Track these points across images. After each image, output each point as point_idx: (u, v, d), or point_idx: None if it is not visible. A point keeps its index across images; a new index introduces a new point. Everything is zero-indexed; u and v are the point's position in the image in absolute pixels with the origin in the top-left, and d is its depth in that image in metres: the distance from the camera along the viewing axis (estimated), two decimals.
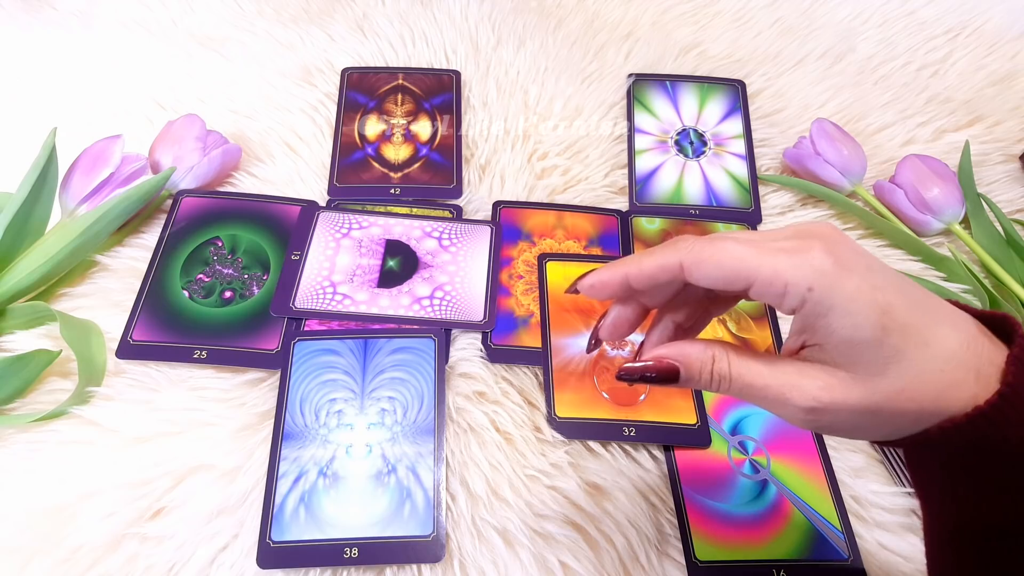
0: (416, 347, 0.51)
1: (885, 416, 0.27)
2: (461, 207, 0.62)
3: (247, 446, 0.47)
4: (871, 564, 0.46)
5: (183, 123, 0.60)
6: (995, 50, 0.77)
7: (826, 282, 0.26)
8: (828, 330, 0.26)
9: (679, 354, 0.30)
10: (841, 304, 0.26)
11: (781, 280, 0.26)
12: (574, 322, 0.54)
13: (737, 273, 0.27)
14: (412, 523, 0.44)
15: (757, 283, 0.27)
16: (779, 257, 0.26)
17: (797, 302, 0.26)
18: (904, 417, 0.27)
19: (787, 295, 0.26)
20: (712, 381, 0.29)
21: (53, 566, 0.42)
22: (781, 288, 0.26)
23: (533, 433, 0.49)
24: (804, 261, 0.26)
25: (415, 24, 0.75)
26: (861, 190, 0.64)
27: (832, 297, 0.26)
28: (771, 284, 0.26)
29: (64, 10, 0.75)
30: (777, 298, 0.27)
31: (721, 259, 0.27)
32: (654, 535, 0.46)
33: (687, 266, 0.28)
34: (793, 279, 0.26)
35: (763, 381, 0.28)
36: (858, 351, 0.26)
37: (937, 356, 0.26)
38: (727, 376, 0.29)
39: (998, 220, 0.61)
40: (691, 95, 0.70)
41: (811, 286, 0.26)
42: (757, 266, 0.27)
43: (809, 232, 0.27)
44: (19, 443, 0.47)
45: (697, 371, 0.29)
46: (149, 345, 0.51)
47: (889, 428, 0.27)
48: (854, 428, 0.28)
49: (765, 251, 0.27)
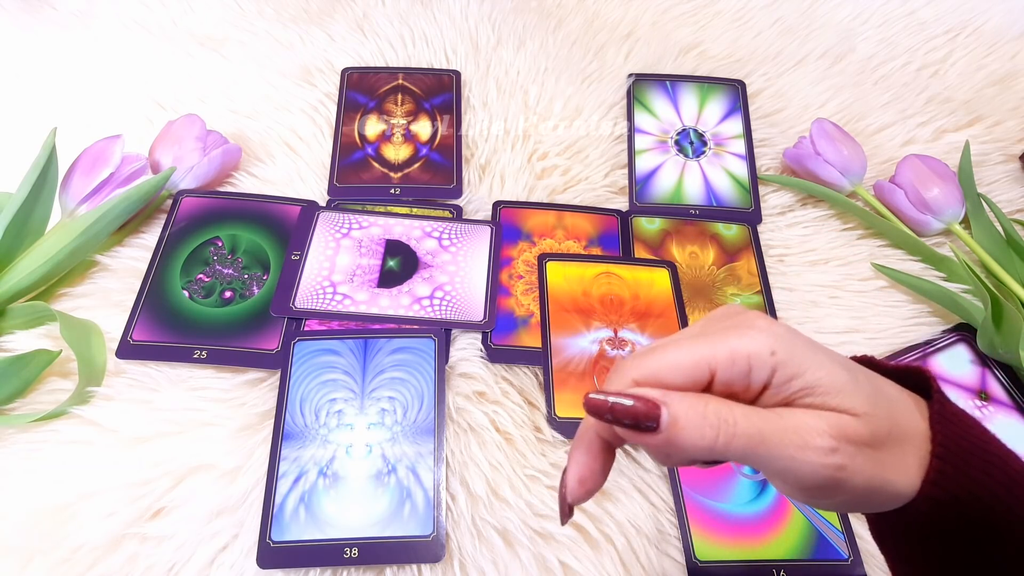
0: (416, 347, 0.51)
1: (891, 453, 0.25)
2: (461, 207, 0.62)
3: (247, 446, 0.47)
4: (871, 564, 0.46)
5: (183, 123, 0.60)
6: (995, 50, 0.77)
7: (787, 339, 0.25)
8: (811, 385, 0.24)
9: (660, 394, 0.24)
10: (810, 357, 0.25)
11: (742, 355, 0.24)
12: (574, 322, 0.54)
13: (697, 366, 0.25)
14: (412, 523, 0.44)
15: (720, 366, 0.25)
16: (728, 336, 0.25)
17: (766, 372, 0.24)
18: (908, 449, 0.25)
19: (753, 368, 0.24)
20: (708, 429, 0.24)
21: (53, 566, 0.42)
22: (744, 363, 0.24)
23: (533, 433, 0.49)
24: (755, 331, 0.25)
25: (415, 24, 0.75)
26: (861, 190, 0.64)
27: (800, 351, 0.25)
28: (733, 363, 0.25)
29: (64, 10, 0.75)
30: (743, 376, 0.25)
31: (675, 361, 0.25)
32: (654, 535, 0.46)
33: (646, 381, 0.25)
34: (753, 349, 0.24)
35: (775, 424, 0.24)
36: (849, 392, 0.25)
37: (893, 396, 0.26)
38: (730, 422, 0.24)
39: (998, 220, 0.61)
40: (691, 95, 0.70)
41: (773, 349, 0.24)
42: (713, 350, 0.25)
43: (734, 311, 0.27)
44: (19, 443, 0.47)
45: (689, 418, 0.24)
46: (149, 345, 0.51)
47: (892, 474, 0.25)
48: (870, 475, 0.24)
49: (711, 338, 0.25)
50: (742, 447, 0.24)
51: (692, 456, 0.24)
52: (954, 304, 0.56)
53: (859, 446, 0.24)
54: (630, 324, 0.55)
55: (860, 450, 0.24)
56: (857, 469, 0.24)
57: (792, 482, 0.25)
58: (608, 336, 0.54)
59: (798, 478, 0.24)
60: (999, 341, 0.52)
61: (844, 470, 0.24)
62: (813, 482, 0.24)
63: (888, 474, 0.24)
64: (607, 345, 0.53)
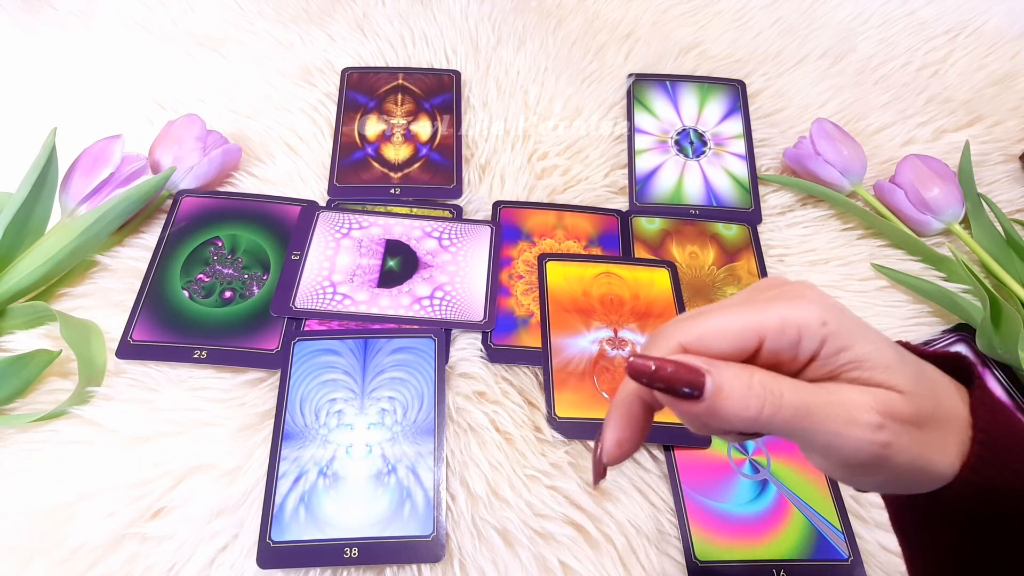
0: (416, 347, 0.51)
1: (933, 433, 0.24)
2: (461, 207, 0.62)
3: (247, 446, 0.47)
4: (871, 564, 0.46)
5: (183, 123, 0.60)
6: (995, 50, 0.77)
7: (836, 311, 0.24)
8: (859, 359, 0.24)
9: (704, 362, 0.24)
10: (859, 331, 0.24)
11: (792, 324, 0.24)
12: (574, 322, 0.54)
13: (743, 333, 0.24)
14: (412, 523, 0.44)
15: (769, 334, 0.24)
16: (778, 305, 0.24)
17: (816, 343, 0.24)
18: (950, 432, 0.25)
19: (803, 338, 0.24)
20: (753, 400, 0.23)
21: (53, 566, 0.42)
22: (795, 333, 0.24)
23: (533, 433, 0.49)
24: (805, 301, 0.24)
25: (415, 24, 0.75)
26: (861, 190, 0.64)
27: (849, 324, 0.24)
28: (783, 332, 0.24)
29: (64, 10, 0.75)
30: (792, 346, 0.24)
31: (723, 326, 0.24)
32: (654, 535, 0.46)
33: (691, 346, 0.25)
34: (803, 319, 0.24)
35: (822, 398, 0.23)
36: (894, 370, 0.24)
37: (935, 378, 0.26)
38: (776, 393, 0.23)
39: (998, 220, 0.61)
40: (691, 95, 0.70)
41: (824, 320, 0.24)
42: (763, 318, 0.24)
43: (779, 282, 0.26)
44: (19, 443, 0.47)
45: (734, 388, 0.23)
46: (149, 345, 0.51)
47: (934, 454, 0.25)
48: (919, 450, 0.24)
49: (759, 305, 0.25)
50: (787, 420, 0.23)
51: (733, 427, 0.24)
52: (954, 304, 0.56)
53: (904, 424, 0.23)
54: (630, 324, 0.55)
55: (905, 428, 0.23)
56: (902, 447, 0.23)
57: (835, 458, 0.24)
58: (608, 336, 0.54)
59: (842, 454, 0.24)
60: (998, 341, 0.52)
61: (889, 447, 0.23)
62: (857, 459, 0.23)
63: (930, 454, 0.24)
64: (607, 345, 0.53)
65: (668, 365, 0.24)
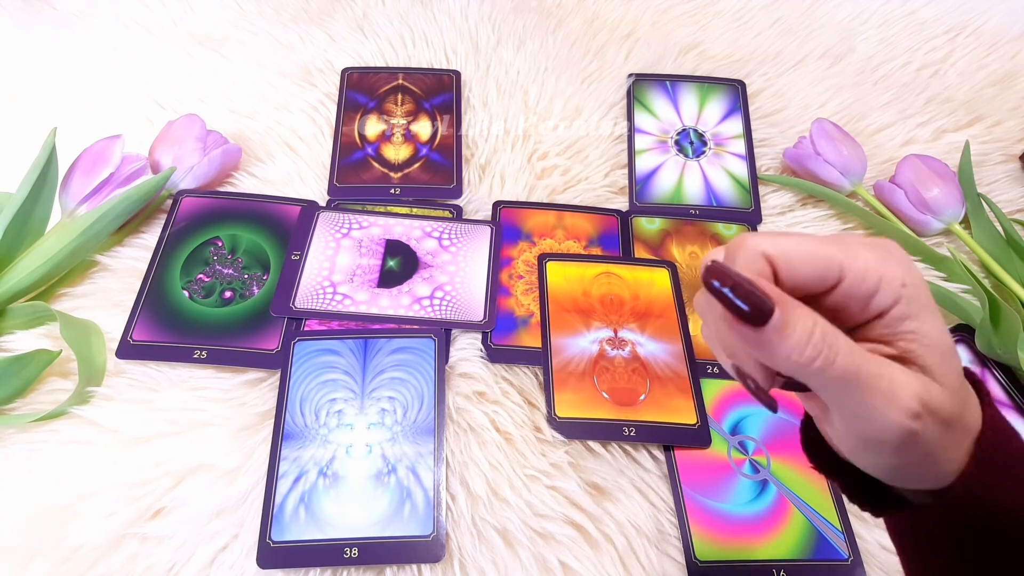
0: (416, 347, 0.51)
1: (951, 437, 0.24)
2: (461, 207, 0.62)
3: (247, 446, 0.47)
4: (871, 564, 0.46)
5: (183, 123, 0.60)
6: (995, 50, 0.77)
7: (917, 279, 0.24)
8: (920, 333, 0.24)
9: (778, 294, 0.23)
10: (930, 307, 0.24)
11: (875, 273, 0.23)
12: (574, 322, 0.54)
13: (829, 266, 0.24)
14: (412, 523, 0.44)
15: (851, 275, 0.24)
16: (866, 251, 0.24)
17: (890, 299, 0.23)
18: (964, 440, 0.25)
19: (880, 291, 0.23)
20: (811, 348, 0.22)
21: (53, 566, 0.42)
22: (875, 282, 0.23)
23: (533, 433, 0.49)
24: (893, 258, 0.24)
25: (415, 24, 0.75)
26: (861, 190, 0.64)
27: (925, 295, 0.24)
28: (864, 277, 0.23)
29: (64, 10, 0.75)
30: (867, 295, 0.24)
31: (812, 251, 0.24)
32: (654, 535, 0.46)
33: (776, 259, 0.24)
34: (887, 273, 0.23)
35: (876, 369, 0.23)
36: (947, 359, 0.24)
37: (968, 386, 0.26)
38: (834, 349, 0.22)
39: (998, 220, 0.61)
40: (691, 95, 0.70)
41: (904, 281, 0.23)
42: (849, 257, 0.24)
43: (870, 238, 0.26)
44: (19, 443, 0.47)
45: (798, 327, 0.22)
46: (149, 345, 0.51)
47: (946, 455, 0.25)
48: (937, 448, 0.24)
49: (849, 246, 0.24)
50: (833, 378, 0.22)
51: (776, 365, 0.23)
52: (953, 304, 0.56)
53: (937, 420, 0.23)
54: (630, 324, 0.55)
55: (936, 424, 0.23)
56: (926, 440, 0.23)
57: (859, 429, 0.24)
58: (608, 336, 0.54)
59: (869, 428, 0.23)
60: (997, 342, 0.52)
61: (916, 437, 0.23)
62: (881, 437, 0.23)
63: (942, 454, 0.24)
64: (607, 345, 0.53)
65: (745, 281, 0.23)
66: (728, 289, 0.22)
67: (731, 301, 0.22)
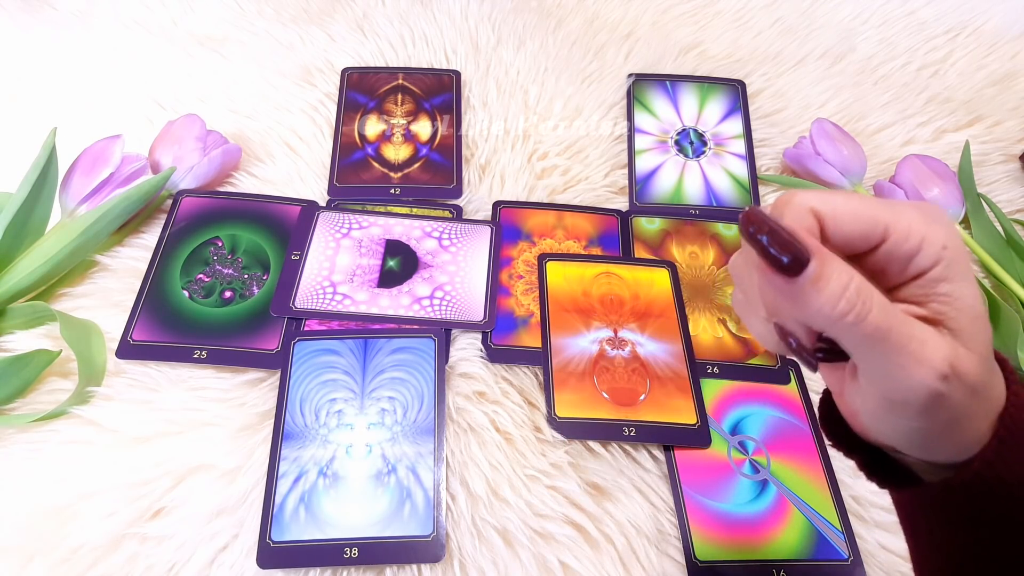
0: (416, 347, 0.51)
1: (977, 406, 0.24)
2: (461, 207, 0.62)
3: (247, 446, 0.47)
4: (871, 564, 0.46)
5: (183, 123, 0.60)
6: (995, 50, 0.77)
7: (959, 243, 0.24)
8: (954, 296, 0.24)
9: (816, 246, 0.23)
10: (968, 272, 0.24)
11: (918, 233, 0.24)
12: (574, 322, 0.54)
13: (875, 223, 0.24)
14: (412, 523, 0.44)
15: (894, 234, 0.24)
16: (911, 211, 0.24)
17: (930, 261, 0.24)
18: (989, 411, 0.25)
19: (922, 251, 0.24)
20: (844, 303, 0.22)
21: (53, 566, 0.42)
22: (917, 242, 0.24)
23: (533, 433, 0.49)
24: (936, 221, 0.24)
25: (415, 24, 0.75)
26: (861, 190, 0.64)
27: (964, 261, 0.24)
28: (907, 237, 0.24)
29: (64, 10, 0.75)
30: (908, 255, 0.24)
31: (858, 209, 0.24)
32: (654, 535, 0.46)
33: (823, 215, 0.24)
34: (930, 234, 0.24)
35: (908, 329, 0.23)
36: (978, 325, 0.24)
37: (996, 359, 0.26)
38: (868, 306, 0.22)
39: (998, 220, 0.61)
40: (691, 95, 0.70)
41: (946, 244, 0.24)
42: (894, 217, 0.24)
43: (914, 201, 0.26)
44: (19, 443, 0.46)
45: (833, 279, 0.22)
46: (149, 345, 0.51)
47: (970, 424, 0.25)
48: (961, 414, 0.24)
49: (894, 206, 0.24)
50: (864, 335, 0.22)
51: (807, 318, 0.24)
52: None
53: (965, 385, 0.23)
54: (630, 324, 0.55)
55: (964, 389, 0.23)
56: (952, 405, 0.23)
57: (887, 388, 0.24)
58: (608, 336, 0.54)
59: (896, 387, 0.23)
60: (997, 342, 0.52)
61: (942, 399, 0.23)
62: (907, 397, 0.23)
63: (966, 423, 0.24)
64: (607, 345, 0.53)
65: (782, 229, 0.23)
66: (765, 236, 0.22)
67: (767, 249, 0.22)
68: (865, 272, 0.24)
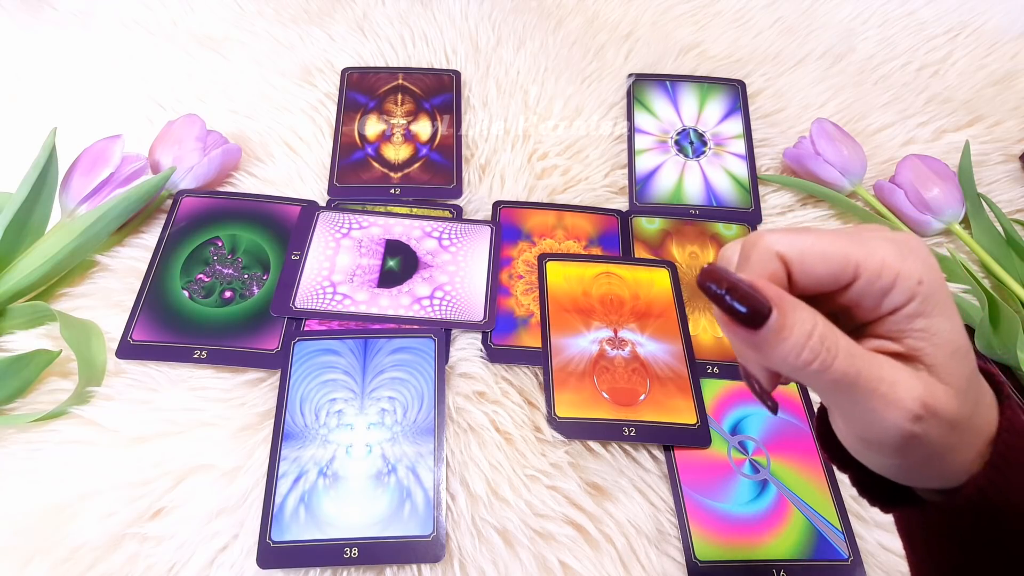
0: (416, 347, 0.51)
1: (960, 438, 0.24)
2: (461, 207, 0.62)
3: (247, 446, 0.47)
4: (871, 564, 0.46)
5: (183, 123, 0.60)
6: (995, 50, 0.77)
7: (935, 276, 0.23)
8: (931, 331, 0.23)
9: (778, 296, 0.22)
10: (946, 304, 0.23)
11: (891, 270, 0.23)
12: (574, 322, 0.54)
13: (844, 264, 0.23)
14: (412, 523, 0.44)
15: (866, 272, 0.23)
16: (883, 247, 0.23)
17: (904, 297, 0.23)
18: (975, 441, 0.24)
19: (896, 288, 0.23)
20: (808, 352, 0.22)
21: (53, 566, 0.42)
22: (891, 279, 0.23)
23: (533, 433, 0.49)
24: (912, 255, 0.23)
25: (415, 24, 0.75)
26: (861, 190, 0.64)
27: (942, 293, 0.23)
28: (880, 275, 0.23)
29: (64, 10, 0.75)
30: (882, 292, 0.23)
31: (827, 250, 0.23)
32: (654, 535, 0.46)
33: (790, 259, 0.23)
34: (904, 269, 0.23)
35: (877, 371, 0.22)
36: (957, 358, 0.23)
37: (982, 384, 0.25)
38: (832, 352, 0.22)
39: (998, 220, 0.61)
40: (691, 95, 0.70)
41: (921, 279, 0.23)
42: (866, 254, 0.23)
43: (886, 229, 0.25)
44: (19, 443, 0.46)
45: (797, 329, 0.22)
46: (149, 345, 0.51)
47: (954, 456, 0.24)
48: (942, 449, 0.23)
49: (867, 243, 0.23)
50: (832, 381, 0.22)
51: (773, 366, 0.23)
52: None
53: (941, 422, 0.23)
54: (630, 324, 0.55)
55: (940, 425, 0.23)
56: (928, 442, 0.23)
57: (858, 430, 0.24)
58: (608, 336, 0.54)
59: (869, 430, 0.23)
60: (997, 342, 0.52)
61: (917, 439, 0.23)
62: (881, 439, 0.23)
63: (950, 456, 0.24)
64: (607, 345, 0.53)
65: (741, 283, 0.22)
66: (724, 291, 0.22)
67: (727, 303, 0.22)
68: (838, 308, 0.24)
